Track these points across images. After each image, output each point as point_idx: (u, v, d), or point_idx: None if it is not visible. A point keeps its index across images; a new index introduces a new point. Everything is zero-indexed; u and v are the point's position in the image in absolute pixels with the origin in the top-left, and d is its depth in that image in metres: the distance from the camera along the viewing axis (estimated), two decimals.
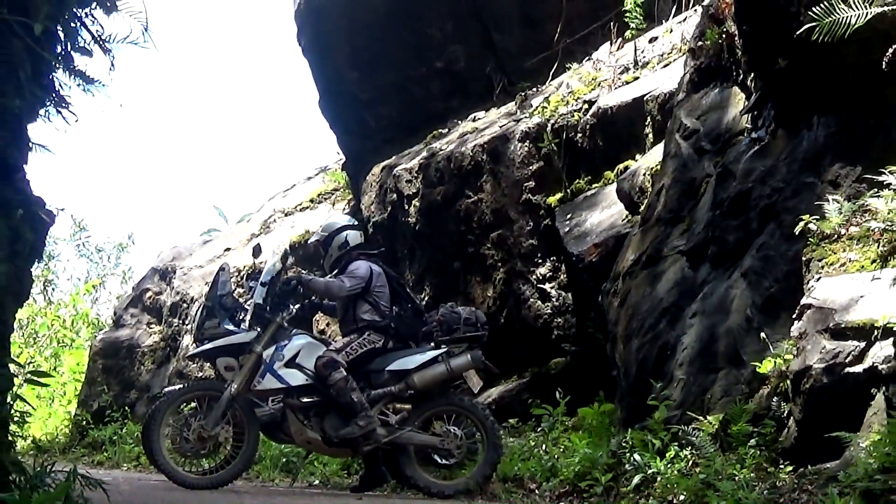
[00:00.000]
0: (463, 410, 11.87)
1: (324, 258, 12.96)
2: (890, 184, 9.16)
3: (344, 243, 12.59)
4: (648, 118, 14.71)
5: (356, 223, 13.11)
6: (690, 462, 9.67)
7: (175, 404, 12.20)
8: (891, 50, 8.84)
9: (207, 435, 11.75)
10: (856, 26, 8.86)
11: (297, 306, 12.64)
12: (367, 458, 12.27)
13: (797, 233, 9.79)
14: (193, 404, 12.15)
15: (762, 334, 9.93)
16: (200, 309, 13.01)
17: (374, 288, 12.23)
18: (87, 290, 32.95)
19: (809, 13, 9.20)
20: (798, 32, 9.40)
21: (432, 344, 12.11)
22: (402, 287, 12.68)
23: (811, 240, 9.65)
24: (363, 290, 12.21)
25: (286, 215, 23.10)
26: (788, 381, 8.98)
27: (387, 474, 12.23)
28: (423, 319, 12.36)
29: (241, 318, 12.51)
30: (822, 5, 9.10)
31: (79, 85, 6.19)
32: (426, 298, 16.37)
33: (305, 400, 11.90)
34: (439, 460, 11.86)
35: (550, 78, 17.81)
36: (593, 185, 15.13)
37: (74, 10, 5.93)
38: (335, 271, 12.63)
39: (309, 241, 17.17)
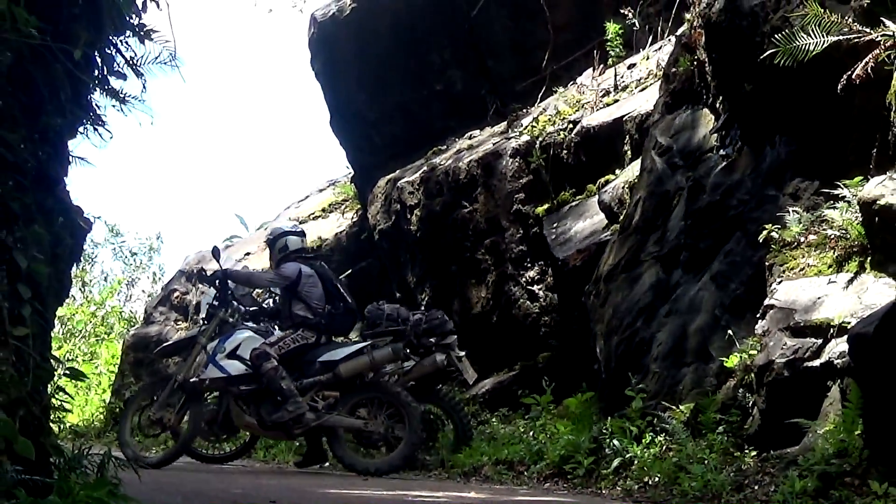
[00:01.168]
0: (387, 397, 12.06)
1: (270, 258, 13.25)
2: (844, 196, 9.19)
3: (284, 247, 12.93)
4: (627, 137, 14.69)
5: (300, 230, 13.44)
6: (664, 447, 9.68)
7: (141, 396, 13.00)
8: (845, 76, 8.84)
9: (155, 419, 12.38)
10: (814, 53, 8.87)
11: (253, 307, 13.18)
12: (308, 439, 12.73)
13: (761, 240, 9.84)
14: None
15: (729, 332, 9.97)
16: None
17: (303, 287, 12.52)
18: (113, 288, 32.88)
19: (772, 40, 9.23)
20: (762, 56, 9.43)
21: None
22: (336, 288, 12.82)
23: (773, 247, 9.69)
24: (293, 288, 12.49)
25: (300, 223, 23.02)
26: (753, 375, 8.99)
27: (326, 453, 12.73)
28: (354, 317, 12.72)
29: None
30: (784, 33, 9.12)
31: (114, 105, 6.19)
32: (426, 299, 16.39)
33: (244, 388, 12.25)
34: (363, 441, 12.20)
35: (539, 100, 17.79)
36: (577, 197, 15.11)
37: (110, 37, 5.93)
38: None
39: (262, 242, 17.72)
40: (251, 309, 13.14)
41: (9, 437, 4.21)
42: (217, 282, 12.83)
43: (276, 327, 12.89)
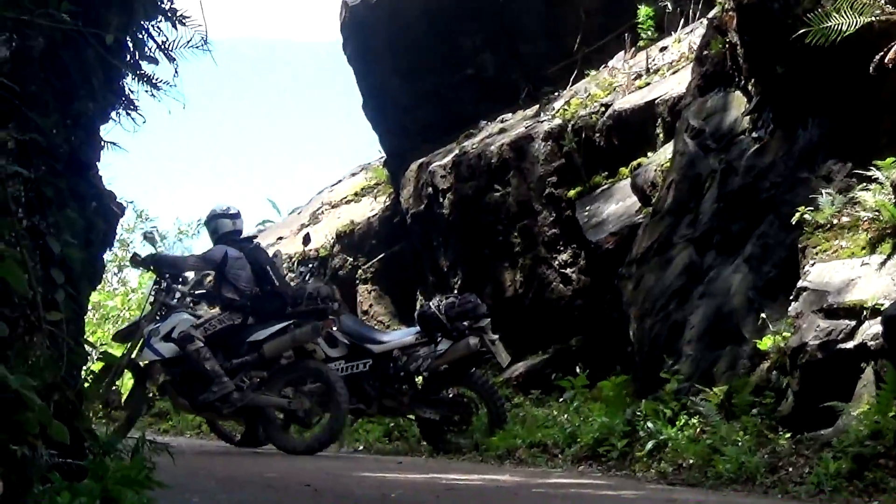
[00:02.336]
0: (314, 375, 12.23)
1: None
2: (877, 178, 9.14)
3: (214, 230, 13.15)
4: (659, 119, 14.64)
5: (232, 212, 13.38)
6: (698, 429, 9.65)
7: (96, 380, 12.99)
8: (877, 57, 8.78)
9: (103, 401, 12.42)
10: (846, 34, 8.82)
11: (198, 291, 13.37)
12: (246, 420, 12.94)
13: (794, 223, 9.77)
14: None
15: (762, 314, 9.93)
16: None
17: (230, 270, 12.62)
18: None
19: (804, 21, 9.18)
20: (794, 35, 9.37)
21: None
22: (265, 270, 12.80)
23: (806, 229, 9.63)
24: (220, 270, 12.68)
25: (333, 207, 22.97)
26: (786, 357, 8.96)
27: (262, 436, 12.82)
28: (283, 299, 12.58)
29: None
30: (816, 12, 9.07)
31: (146, 90, 6.18)
32: (458, 282, 16.38)
33: (176, 370, 12.39)
34: (293, 420, 12.34)
35: (570, 84, 17.74)
36: (610, 180, 15.07)
37: (142, 22, 5.93)
38: None
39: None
40: (197, 293, 13.31)
41: (43, 422, 4.22)
42: (151, 266, 12.96)
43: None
